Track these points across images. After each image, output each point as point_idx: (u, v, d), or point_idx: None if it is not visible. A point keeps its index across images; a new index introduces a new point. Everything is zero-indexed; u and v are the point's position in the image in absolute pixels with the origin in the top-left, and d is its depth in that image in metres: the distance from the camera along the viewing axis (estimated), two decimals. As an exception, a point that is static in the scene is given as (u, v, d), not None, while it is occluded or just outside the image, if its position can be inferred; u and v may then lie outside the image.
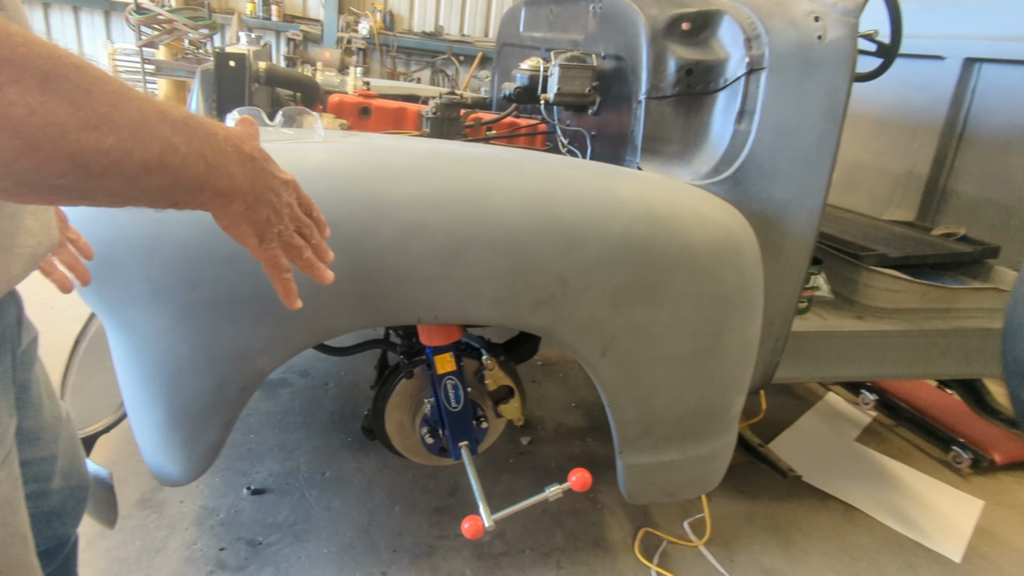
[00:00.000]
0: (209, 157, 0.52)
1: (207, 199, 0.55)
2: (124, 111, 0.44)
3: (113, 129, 0.43)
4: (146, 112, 0.46)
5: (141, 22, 3.95)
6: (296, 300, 0.69)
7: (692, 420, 1.37)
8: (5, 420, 0.63)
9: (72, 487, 0.88)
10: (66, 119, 0.40)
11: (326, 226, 0.72)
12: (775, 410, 2.51)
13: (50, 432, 0.83)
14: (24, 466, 0.78)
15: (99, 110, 0.42)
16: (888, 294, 1.83)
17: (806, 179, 1.35)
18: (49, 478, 0.83)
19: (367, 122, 1.85)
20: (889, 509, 2.01)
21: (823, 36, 1.28)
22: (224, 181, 0.55)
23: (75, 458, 0.90)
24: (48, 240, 0.68)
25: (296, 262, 0.67)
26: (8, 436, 0.64)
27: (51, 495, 0.84)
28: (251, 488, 1.74)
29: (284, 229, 0.64)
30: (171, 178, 0.49)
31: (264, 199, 0.61)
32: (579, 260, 1.11)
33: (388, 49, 5.88)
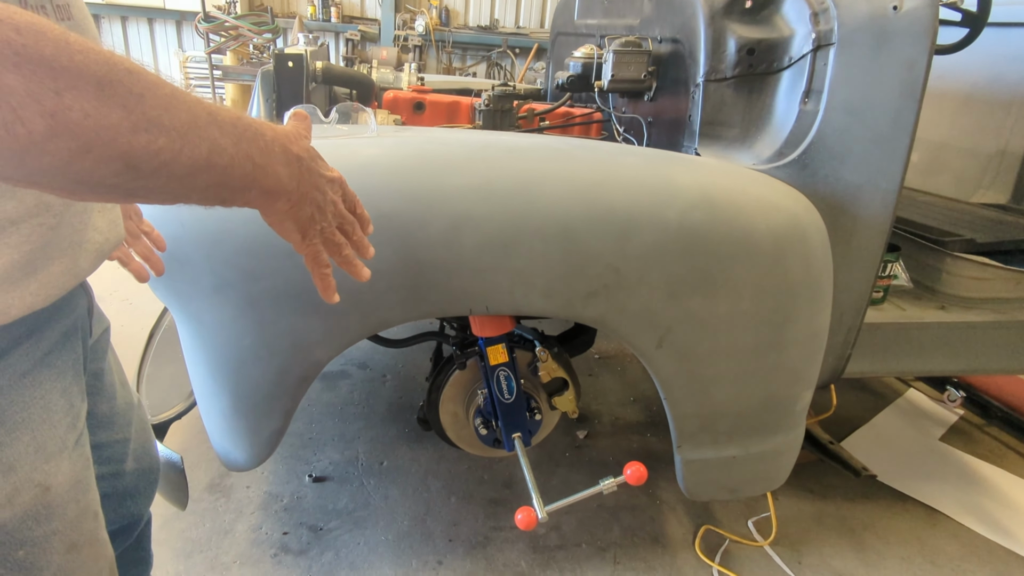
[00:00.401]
0: (256, 157, 0.54)
1: (253, 197, 0.56)
2: (174, 114, 0.46)
3: (163, 131, 0.45)
4: (196, 114, 0.48)
5: (209, 30, 4.14)
6: (334, 295, 0.71)
7: (754, 415, 1.31)
8: (78, 404, 0.67)
9: (144, 469, 0.93)
10: (119, 122, 0.42)
11: (369, 222, 0.73)
12: (849, 407, 2.38)
13: (123, 417, 0.87)
14: (99, 448, 0.83)
15: (150, 113, 0.44)
16: (975, 282, 1.70)
17: (880, 160, 1.26)
18: (123, 460, 0.88)
19: (421, 117, 1.86)
20: (977, 513, 1.87)
21: (899, 7, 1.19)
22: (270, 180, 0.56)
23: (146, 442, 0.95)
24: (115, 236, 0.71)
25: (336, 258, 0.69)
26: (80, 419, 0.68)
27: (125, 476, 0.89)
28: (312, 476, 1.80)
29: (327, 226, 0.65)
30: (219, 177, 0.51)
31: (308, 197, 0.62)
32: (633, 249, 1.08)
33: (444, 45, 5.94)
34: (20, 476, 0.58)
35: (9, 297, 0.55)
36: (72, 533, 0.65)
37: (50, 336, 0.63)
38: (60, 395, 0.64)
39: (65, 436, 0.64)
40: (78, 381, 0.68)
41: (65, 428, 0.64)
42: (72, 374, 0.67)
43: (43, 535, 0.62)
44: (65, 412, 0.64)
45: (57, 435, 0.62)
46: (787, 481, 1.46)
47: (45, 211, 0.57)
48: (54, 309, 0.63)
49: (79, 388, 0.68)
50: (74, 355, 0.67)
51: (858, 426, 2.27)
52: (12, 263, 0.55)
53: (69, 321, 0.67)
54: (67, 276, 0.61)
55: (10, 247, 0.54)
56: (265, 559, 1.52)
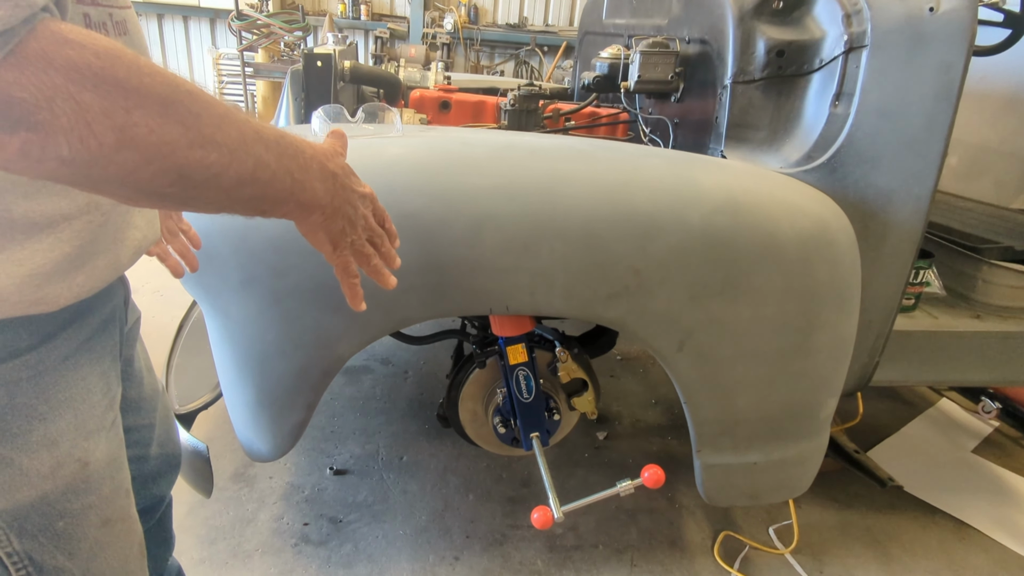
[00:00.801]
0: (295, 173, 0.58)
1: (291, 209, 0.60)
2: (226, 132, 0.50)
3: (216, 147, 0.49)
4: (244, 132, 0.52)
5: (242, 28, 4.22)
6: (361, 303, 0.75)
7: (777, 421, 1.29)
8: (114, 387, 0.71)
9: (167, 453, 0.97)
10: (178, 138, 0.46)
11: (396, 236, 0.77)
12: (878, 415, 2.33)
13: (149, 403, 0.91)
14: (128, 432, 0.87)
15: (205, 131, 0.48)
16: (1013, 291, 1.65)
17: (913, 165, 1.23)
18: (148, 443, 0.92)
19: (447, 116, 1.87)
20: (1008, 528, 1.81)
21: (936, 8, 1.16)
22: (307, 195, 0.60)
23: (169, 428, 0.99)
24: (152, 234, 0.75)
25: (364, 268, 0.72)
26: (116, 401, 0.72)
27: (150, 459, 0.93)
28: (334, 468, 1.82)
29: (357, 239, 0.69)
30: (261, 191, 0.55)
31: (341, 212, 0.65)
32: (655, 252, 1.07)
33: (472, 43, 5.95)
34: (62, 451, 0.62)
35: (60, 288, 0.59)
36: (106, 509, 0.68)
37: (91, 323, 0.67)
38: (99, 378, 0.67)
39: (103, 416, 0.67)
40: (115, 366, 0.72)
41: (103, 409, 0.68)
42: (110, 359, 0.70)
43: (81, 508, 0.65)
44: (103, 394, 0.68)
45: (95, 415, 0.66)
46: (811, 489, 1.43)
47: (95, 209, 0.61)
48: (95, 298, 0.67)
49: (115, 372, 0.72)
50: (112, 341, 0.71)
51: (887, 435, 2.22)
52: (64, 256, 0.59)
53: (108, 310, 0.71)
54: (109, 270, 0.65)
55: (62, 241, 0.58)
56: (286, 548, 1.55)
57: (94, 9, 0.57)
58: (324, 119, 1.17)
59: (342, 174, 0.65)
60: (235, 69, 5.17)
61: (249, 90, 4.98)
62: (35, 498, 0.61)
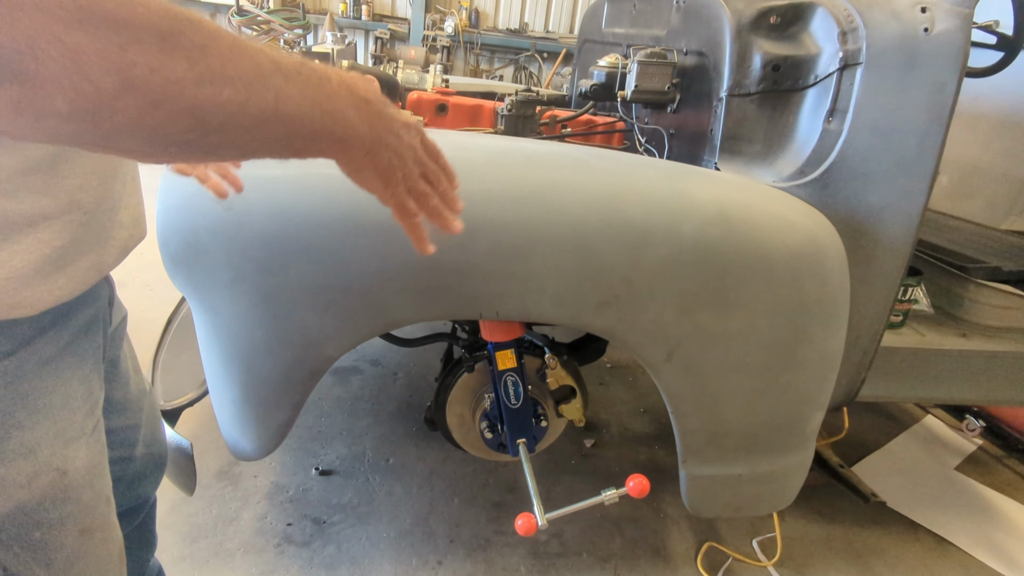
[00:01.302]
0: (324, 104, 0.52)
1: (326, 146, 0.55)
2: (238, 64, 0.45)
3: (228, 82, 0.44)
4: (260, 63, 0.46)
5: (242, 23, 4.21)
6: (428, 246, 0.68)
7: (763, 433, 1.30)
8: (96, 392, 0.69)
9: (153, 454, 0.96)
10: (183, 75, 0.41)
11: (455, 176, 0.70)
12: (865, 431, 2.35)
13: (135, 403, 0.90)
14: (112, 433, 0.85)
15: (214, 64, 0.43)
16: (999, 311, 1.67)
17: (904, 183, 1.24)
18: (134, 444, 0.91)
19: (444, 119, 1.87)
20: (989, 546, 1.83)
21: (930, 28, 1.17)
22: (340, 127, 0.54)
23: (155, 428, 0.97)
24: (138, 233, 0.73)
25: (423, 210, 0.66)
26: (98, 406, 0.69)
27: (135, 460, 0.92)
28: (319, 469, 1.81)
29: (408, 173, 0.62)
30: (287, 128, 0.49)
31: (383, 142, 0.59)
32: (646, 262, 1.08)
33: (472, 46, 5.97)
34: (40, 459, 0.60)
35: (38, 291, 0.56)
36: (86, 517, 0.66)
37: (73, 325, 0.64)
38: (80, 382, 0.65)
39: (84, 422, 0.65)
40: (97, 369, 0.70)
41: (84, 414, 0.65)
42: (92, 362, 0.68)
43: (59, 518, 0.63)
44: (84, 399, 0.66)
45: (76, 421, 0.64)
46: (795, 502, 1.44)
47: (76, 208, 0.58)
48: (79, 300, 0.65)
49: (98, 376, 0.70)
50: (95, 344, 0.69)
51: (872, 450, 2.23)
52: (44, 258, 0.56)
53: (92, 311, 0.68)
54: (93, 271, 0.63)
55: (42, 243, 0.56)
56: (268, 548, 1.54)
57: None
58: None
59: (376, 100, 0.58)
60: (234, 64, 5.15)
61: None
62: (11, 508, 0.59)
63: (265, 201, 1.01)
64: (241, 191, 0.89)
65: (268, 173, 1.03)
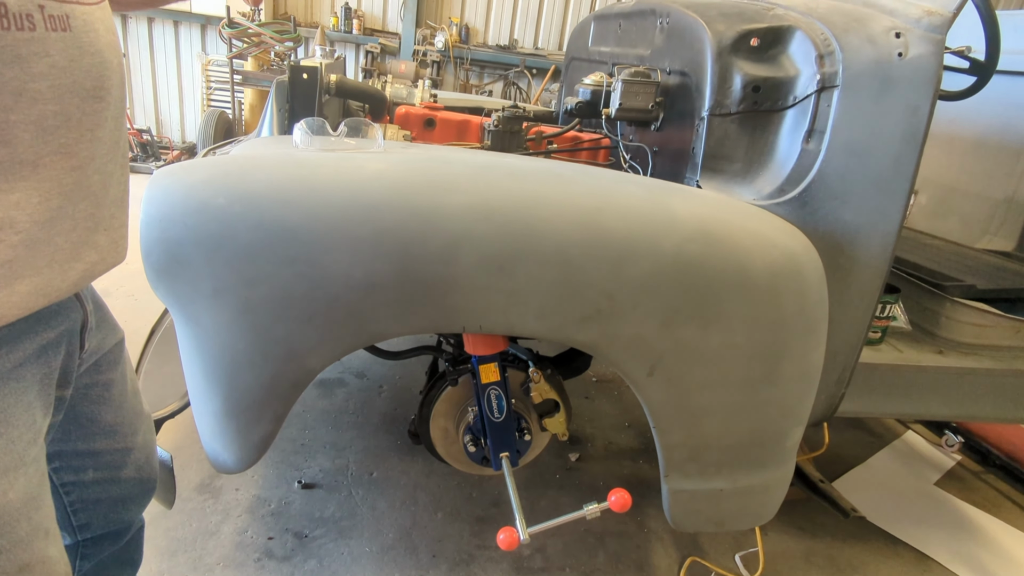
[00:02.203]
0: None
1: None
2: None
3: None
4: None
5: (233, 35, 4.23)
6: None
7: (743, 448, 1.31)
8: (39, 420, 0.65)
9: (142, 479, 0.94)
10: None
11: None
12: (845, 446, 2.37)
13: (128, 427, 0.88)
14: (96, 456, 0.84)
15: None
16: (974, 329, 1.70)
17: (880, 202, 1.27)
18: (120, 467, 0.89)
19: (431, 133, 1.89)
20: (968, 561, 1.84)
21: (904, 53, 1.21)
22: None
23: (150, 452, 0.96)
24: (113, 257, 0.69)
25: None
26: (41, 434, 0.66)
27: (120, 483, 0.90)
28: (302, 482, 1.80)
29: None
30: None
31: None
32: (628, 277, 1.09)
33: (462, 62, 6.02)
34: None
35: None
36: (22, 553, 0.62)
37: (22, 350, 0.61)
38: (23, 410, 0.62)
39: (23, 452, 0.62)
40: (45, 396, 0.66)
41: (24, 444, 0.62)
42: (39, 388, 0.64)
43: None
44: (27, 427, 0.62)
45: (15, 450, 0.60)
46: (777, 517, 1.45)
47: (8, 226, 0.54)
48: (31, 323, 0.61)
49: (44, 403, 0.66)
50: (46, 369, 0.65)
51: (853, 465, 2.25)
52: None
53: (51, 335, 0.65)
54: (36, 296, 0.59)
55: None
56: (248, 563, 1.52)
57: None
58: (306, 132, 1.18)
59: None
60: (224, 76, 5.17)
61: (237, 97, 4.97)
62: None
63: (248, 212, 1.01)
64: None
65: (251, 188, 1.03)
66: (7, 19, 0.49)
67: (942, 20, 1.21)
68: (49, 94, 0.53)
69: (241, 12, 4.43)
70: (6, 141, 0.51)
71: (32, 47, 0.51)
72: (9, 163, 0.51)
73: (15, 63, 0.50)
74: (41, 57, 0.52)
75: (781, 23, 1.31)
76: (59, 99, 0.54)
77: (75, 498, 0.83)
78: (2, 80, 0.49)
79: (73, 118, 0.56)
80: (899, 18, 1.25)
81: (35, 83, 0.52)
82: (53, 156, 0.54)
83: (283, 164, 1.08)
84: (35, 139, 0.53)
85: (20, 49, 0.50)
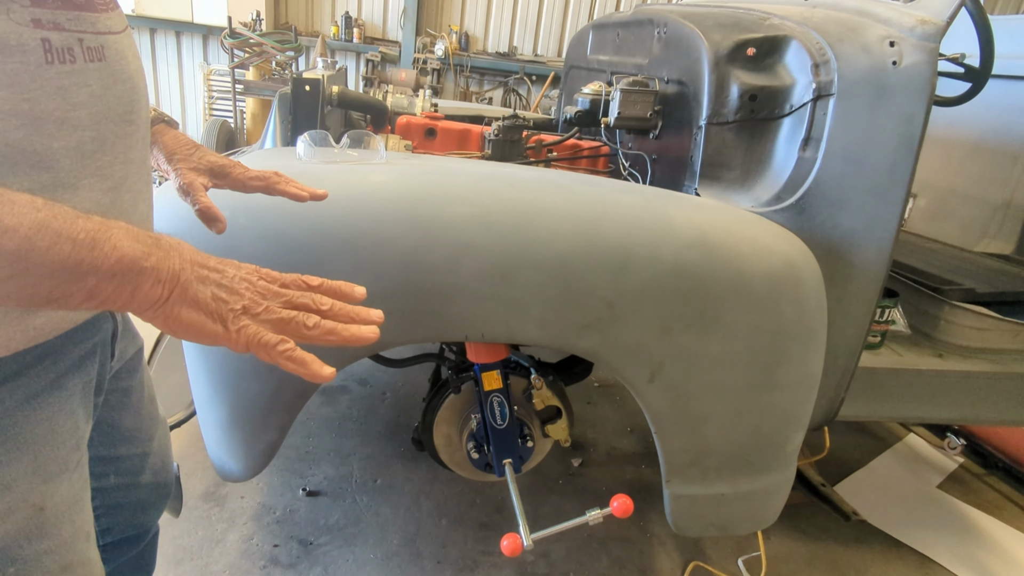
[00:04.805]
0: (80, 234, 0.45)
1: (98, 285, 0.47)
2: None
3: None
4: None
5: (234, 45, 4.26)
6: (322, 368, 0.57)
7: (744, 453, 1.32)
8: (83, 426, 0.68)
9: (159, 483, 0.96)
10: None
11: (349, 287, 0.64)
12: (847, 449, 2.37)
13: (146, 432, 0.90)
14: (117, 461, 0.86)
15: None
16: (974, 332, 1.71)
17: (877, 208, 1.29)
18: (139, 472, 0.91)
19: (432, 143, 1.91)
20: (970, 564, 1.85)
21: (898, 62, 1.23)
22: (109, 256, 0.46)
23: (166, 458, 0.98)
24: None
25: (301, 337, 0.57)
26: (84, 441, 0.68)
27: (140, 488, 0.92)
28: (306, 490, 1.81)
29: (252, 304, 0.55)
30: (16, 265, 0.42)
31: (196, 275, 0.53)
32: (628, 285, 1.11)
33: (462, 69, 6.05)
34: (15, 495, 0.59)
35: (11, 331, 0.55)
36: (66, 554, 0.65)
37: (65, 360, 0.63)
38: (67, 417, 0.64)
39: (67, 457, 0.64)
40: (86, 403, 0.69)
41: (68, 450, 0.64)
42: (81, 396, 0.67)
43: (34, 554, 0.62)
44: (70, 434, 0.65)
45: (59, 456, 0.63)
46: (780, 521, 1.46)
47: None
48: (72, 334, 0.64)
49: (86, 411, 0.69)
50: (87, 378, 0.68)
51: (855, 469, 2.26)
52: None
53: (88, 345, 0.67)
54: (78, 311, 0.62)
55: None
56: (254, 571, 1.53)
57: (57, 34, 0.53)
58: (309, 144, 1.20)
59: (171, 241, 0.53)
60: (226, 85, 5.20)
61: (239, 107, 5.00)
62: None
63: (253, 224, 1.03)
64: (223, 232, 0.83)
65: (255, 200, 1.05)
66: (51, 53, 0.52)
67: (936, 29, 1.23)
68: (87, 121, 0.56)
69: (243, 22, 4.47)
70: (49, 167, 0.53)
71: (73, 78, 0.54)
72: (52, 186, 0.54)
73: (58, 94, 0.53)
74: (81, 87, 0.55)
75: (777, 33, 1.33)
76: (96, 125, 0.57)
77: (98, 503, 0.85)
78: (47, 110, 0.52)
79: (108, 142, 0.59)
80: (893, 27, 1.26)
81: (75, 112, 0.54)
82: (91, 179, 0.57)
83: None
84: (75, 164, 0.55)
85: (63, 81, 0.53)
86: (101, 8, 0.58)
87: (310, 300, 0.59)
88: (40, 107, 0.51)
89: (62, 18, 0.53)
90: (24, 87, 0.50)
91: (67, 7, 0.54)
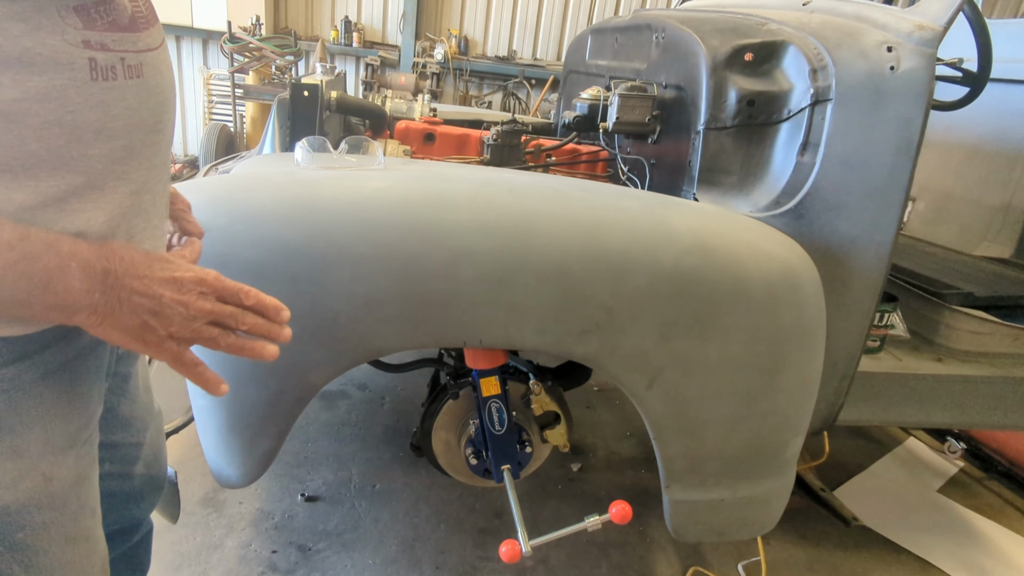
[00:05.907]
0: (36, 276, 0.53)
1: (41, 313, 0.56)
2: None
3: None
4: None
5: (234, 50, 4.27)
6: (220, 386, 0.68)
7: (743, 459, 1.31)
8: (93, 406, 0.72)
9: (152, 475, 0.97)
10: None
11: (279, 308, 0.69)
12: (847, 454, 2.37)
13: (141, 422, 0.92)
14: (114, 448, 0.88)
15: None
16: (973, 336, 1.71)
17: (875, 213, 1.29)
18: (134, 462, 0.92)
19: (431, 148, 1.91)
20: (971, 568, 1.84)
21: (896, 67, 1.23)
22: (57, 297, 0.55)
23: (159, 450, 0.99)
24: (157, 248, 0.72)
25: (220, 348, 0.66)
26: (94, 420, 0.72)
27: (133, 479, 0.93)
28: (305, 495, 1.81)
29: (178, 330, 0.62)
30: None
31: (128, 306, 0.59)
32: (626, 291, 1.10)
33: (462, 73, 6.06)
34: (26, 463, 0.63)
35: None
36: (71, 527, 0.69)
37: (80, 343, 0.67)
38: (80, 396, 0.68)
39: (77, 434, 0.68)
40: (98, 385, 0.73)
41: (78, 427, 0.68)
42: (94, 377, 0.71)
43: (42, 522, 0.65)
44: (81, 412, 0.69)
45: (68, 432, 0.67)
46: (780, 526, 1.45)
47: (81, 238, 0.60)
48: None
49: (98, 391, 0.73)
50: (99, 360, 0.72)
51: (855, 473, 2.25)
52: None
53: None
54: None
55: None
56: (252, 577, 1.53)
57: (103, 54, 0.58)
58: (307, 150, 1.20)
59: (122, 269, 0.59)
60: (225, 89, 5.21)
61: (238, 111, 5.01)
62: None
63: (250, 231, 1.03)
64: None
65: (253, 207, 1.05)
66: (96, 71, 0.57)
67: (933, 34, 1.23)
68: (121, 131, 0.61)
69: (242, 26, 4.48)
70: (83, 171, 0.58)
71: (113, 94, 0.59)
72: (83, 189, 0.59)
73: (98, 107, 0.58)
74: (119, 101, 0.60)
75: (774, 38, 1.33)
76: (128, 135, 0.61)
77: None
78: (87, 121, 0.57)
79: (136, 150, 0.63)
80: (891, 32, 1.27)
81: (112, 123, 0.59)
82: (116, 182, 0.62)
83: (285, 183, 1.10)
84: (105, 168, 0.60)
85: (104, 96, 0.58)
86: (143, 27, 0.63)
87: (234, 320, 0.66)
88: (81, 118, 0.57)
89: (108, 39, 0.58)
90: (70, 101, 0.55)
91: (113, 29, 0.59)
